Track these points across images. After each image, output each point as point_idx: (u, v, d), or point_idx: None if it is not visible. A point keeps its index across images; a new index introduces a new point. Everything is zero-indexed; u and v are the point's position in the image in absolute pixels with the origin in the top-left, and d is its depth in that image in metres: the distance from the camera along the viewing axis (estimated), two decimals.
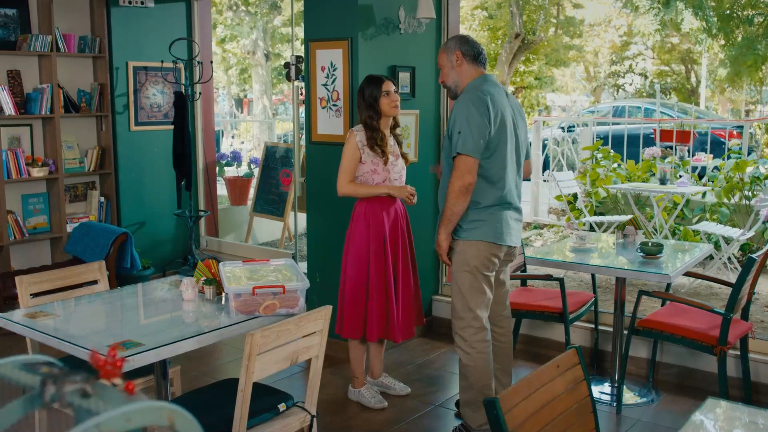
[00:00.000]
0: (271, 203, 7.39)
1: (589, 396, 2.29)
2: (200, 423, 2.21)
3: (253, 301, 2.90)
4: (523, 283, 4.74)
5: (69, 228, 5.84)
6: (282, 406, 2.86)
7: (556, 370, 2.21)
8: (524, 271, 4.68)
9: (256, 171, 7.90)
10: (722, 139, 10.04)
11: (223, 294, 3.11)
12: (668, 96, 20.13)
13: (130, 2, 6.01)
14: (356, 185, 3.86)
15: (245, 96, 23.94)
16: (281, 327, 2.63)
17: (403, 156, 4.02)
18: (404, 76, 4.84)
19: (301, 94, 5.34)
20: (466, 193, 3.33)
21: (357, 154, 3.82)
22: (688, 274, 4.31)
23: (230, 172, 8.65)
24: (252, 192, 7.88)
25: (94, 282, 3.60)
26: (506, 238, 3.46)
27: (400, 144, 4.02)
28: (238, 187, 8.09)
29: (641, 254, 3.95)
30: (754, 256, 3.67)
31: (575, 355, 2.29)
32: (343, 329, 3.90)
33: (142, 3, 6.07)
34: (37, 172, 5.64)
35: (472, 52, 3.45)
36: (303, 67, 4.97)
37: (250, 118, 20.00)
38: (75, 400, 0.84)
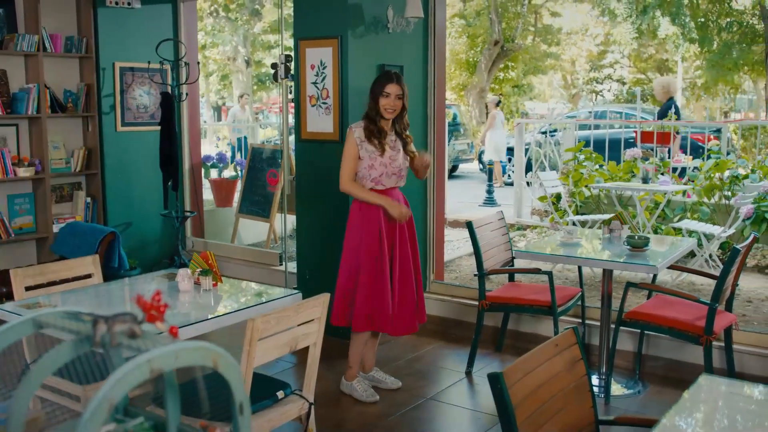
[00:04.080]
0: (256, 204, 7.39)
1: (586, 375, 2.35)
2: (198, 410, 2.23)
3: None
4: (511, 278, 4.80)
5: (55, 228, 5.81)
6: (281, 394, 2.89)
7: (554, 348, 2.26)
8: (512, 265, 4.75)
9: (242, 172, 7.90)
10: (701, 144, 10.19)
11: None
12: (645, 102, 20.39)
13: (116, 3, 6.01)
14: (356, 187, 3.90)
15: (224, 104, 23.87)
16: (281, 313, 2.67)
17: (411, 154, 4.01)
18: None
19: (290, 92, 5.37)
20: None
21: (355, 151, 3.86)
22: (672, 267, 4.39)
23: (216, 173, 8.63)
24: (237, 194, 7.88)
25: (86, 277, 3.61)
26: None
27: (405, 143, 4.01)
28: (223, 188, 8.08)
29: (628, 247, 4.02)
30: (738, 246, 3.76)
31: (573, 334, 2.34)
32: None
33: (128, 4, 6.07)
34: (23, 172, 5.62)
35: None
36: (292, 66, 5.01)
37: (233, 124, 19.91)
38: (124, 340, 0.87)
